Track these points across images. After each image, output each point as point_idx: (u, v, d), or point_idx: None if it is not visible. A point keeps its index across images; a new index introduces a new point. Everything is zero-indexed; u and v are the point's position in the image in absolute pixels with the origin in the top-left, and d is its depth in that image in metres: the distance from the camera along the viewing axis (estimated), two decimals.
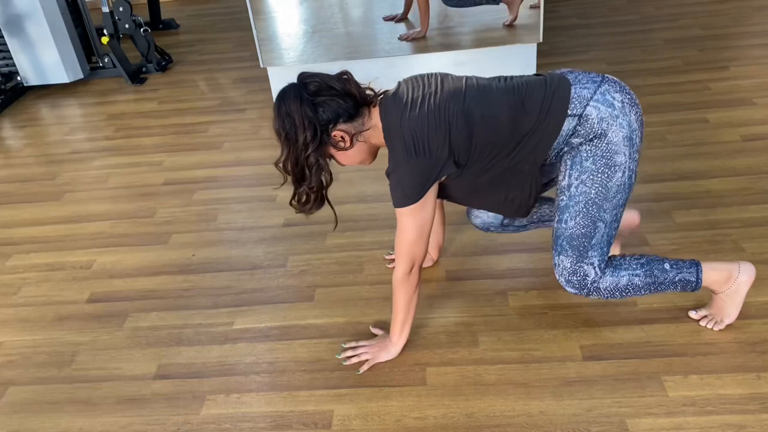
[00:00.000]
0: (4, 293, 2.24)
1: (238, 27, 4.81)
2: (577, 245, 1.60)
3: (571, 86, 1.55)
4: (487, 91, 1.57)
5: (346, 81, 1.56)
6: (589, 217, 1.58)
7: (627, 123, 1.53)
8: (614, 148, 1.53)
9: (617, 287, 1.64)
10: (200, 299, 2.12)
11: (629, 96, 1.56)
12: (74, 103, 3.89)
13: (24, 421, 1.73)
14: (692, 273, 1.67)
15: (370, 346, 1.81)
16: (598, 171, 1.55)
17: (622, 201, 1.60)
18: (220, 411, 1.70)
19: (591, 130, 1.53)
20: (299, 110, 1.50)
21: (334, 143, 1.57)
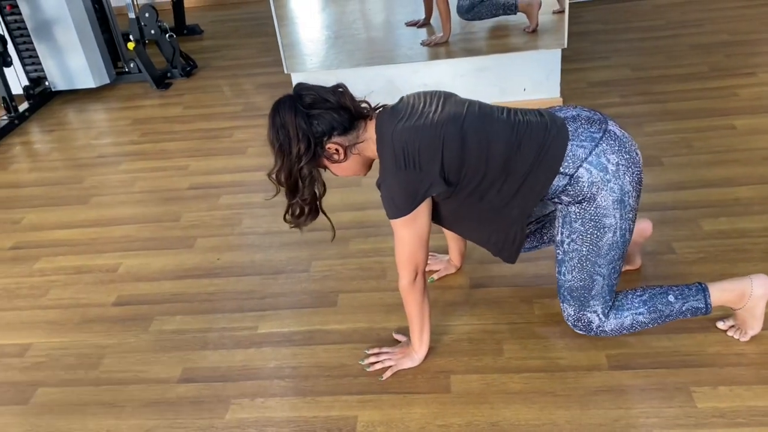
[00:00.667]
0: (33, 295, 2.28)
1: (261, 33, 4.85)
2: (577, 296, 1.65)
3: (569, 142, 1.53)
4: (488, 121, 1.56)
5: (341, 94, 1.56)
6: (585, 271, 1.61)
7: (619, 187, 1.53)
8: (603, 212, 1.55)
9: (623, 326, 1.67)
10: (225, 303, 2.13)
11: (627, 156, 1.55)
12: (101, 108, 3.95)
13: (53, 422, 1.76)
14: (699, 300, 1.66)
15: (394, 353, 1.81)
16: (587, 232, 1.58)
17: (617, 256, 1.61)
18: (244, 415, 1.71)
19: (580, 193, 1.54)
20: (294, 122, 1.50)
21: (328, 155, 1.58)
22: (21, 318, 2.18)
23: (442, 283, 2.08)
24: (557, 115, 1.60)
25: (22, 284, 2.34)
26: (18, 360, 1.99)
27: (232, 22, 5.26)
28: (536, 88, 3.12)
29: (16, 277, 2.39)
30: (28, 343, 2.05)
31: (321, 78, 3.15)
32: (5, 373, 1.95)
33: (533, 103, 3.14)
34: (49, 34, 3.90)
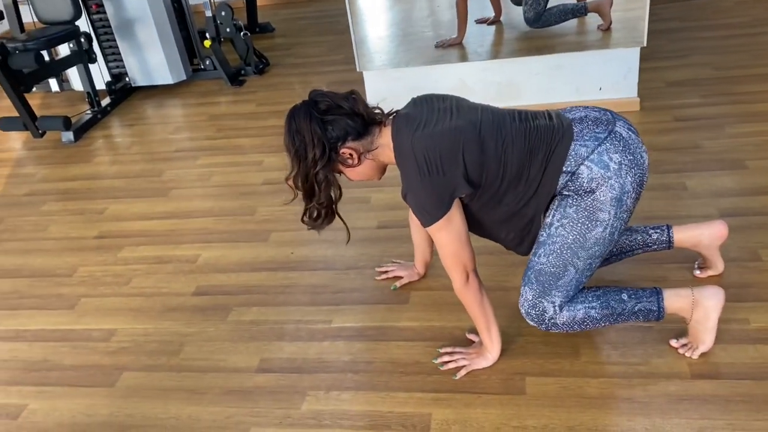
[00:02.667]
0: (117, 283, 2.38)
1: (331, 30, 4.92)
2: (543, 281, 1.63)
3: (573, 142, 1.56)
4: (501, 127, 1.59)
5: (354, 101, 1.59)
6: (562, 259, 1.61)
7: (619, 185, 1.54)
8: (599, 205, 1.56)
9: (574, 321, 1.65)
10: (299, 296, 2.18)
11: (631, 156, 1.55)
12: (178, 104, 4.09)
13: (137, 405, 1.84)
14: (652, 302, 1.65)
15: (468, 353, 1.81)
16: (578, 221, 1.58)
17: (598, 253, 1.61)
18: (320, 407, 1.75)
19: (580, 187, 1.57)
20: (309, 128, 1.53)
21: (342, 160, 1.61)
22: (106, 304, 2.28)
23: (517, 284, 2.06)
24: (565, 117, 1.62)
25: (107, 272, 2.45)
26: (104, 344, 2.09)
27: (303, 19, 5.35)
28: (613, 88, 3.05)
29: (101, 265, 2.51)
30: (113, 329, 2.15)
31: (392, 76, 3.19)
32: (92, 356, 2.05)
33: (609, 103, 3.06)
34: (131, 32, 4.06)
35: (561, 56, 3.05)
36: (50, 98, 4.40)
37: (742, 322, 1.80)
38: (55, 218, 2.90)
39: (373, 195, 2.66)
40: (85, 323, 2.19)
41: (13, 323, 2.26)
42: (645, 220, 2.28)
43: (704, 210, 2.29)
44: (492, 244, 1.83)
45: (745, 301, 1.85)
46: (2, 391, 1.96)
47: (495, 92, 3.13)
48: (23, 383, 1.98)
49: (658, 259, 2.05)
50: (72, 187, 3.19)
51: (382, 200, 2.63)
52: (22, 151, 3.73)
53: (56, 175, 3.34)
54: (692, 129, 2.85)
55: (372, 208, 2.60)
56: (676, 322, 1.76)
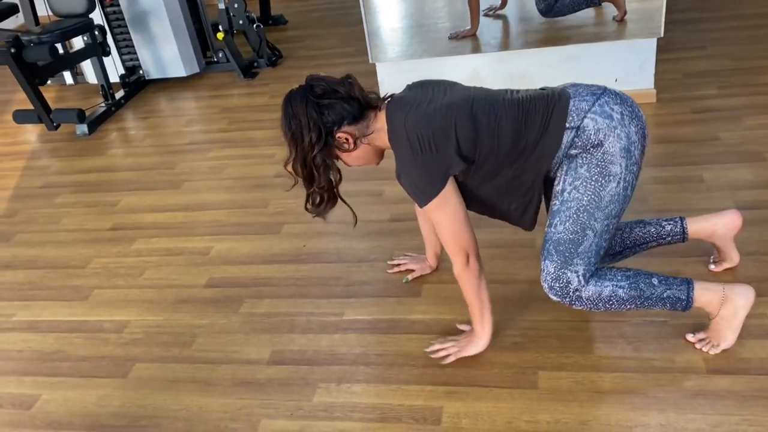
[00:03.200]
0: (130, 275, 2.39)
1: (343, 23, 4.89)
2: (563, 250, 1.58)
3: (570, 99, 1.56)
4: (494, 102, 1.59)
5: (350, 85, 1.60)
6: (579, 223, 1.57)
7: (625, 134, 1.54)
8: (610, 158, 1.54)
9: (600, 298, 1.60)
10: (311, 289, 2.17)
11: (630, 108, 1.57)
12: (191, 96, 4.09)
13: (149, 396, 1.84)
14: (682, 290, 1.62)
15: (458, 341, 1.81)
16: (591, 179, 1.55)
17: (615, 212, 1.58)
18: (331, 399, 1.74)
19: (588, 141, 1.55)
20: (305, 112, 1.54)
21: (338, 145, 1.61)
22: (119, 296, 2.29)
23: (529, 276, 2.04)
24: (556, 87, 1.65)
25: (120, 264, 2.46)
26: (116, 336, 2.10)
27: (316, 11, 5.34)
28: (628, 79, 3.00)
29: (114, 257, 2.52)
30: (126, 320, 2.16)
31: (405, 67, 3.17)
32: (105, 347, 2.06)
33: None
34: (145, 25, 4.06)
35: (576, 47, 3.01)
36: (64, 91, 4.42)
37: (761, 317, 1.77)
38: (69, 210, 2.92)
39: (386, 188, 2.64)
40: (98, 314, 2.20)
41: (27, 314, 2.27)
42: (661, 213, 2.25)
43: (721, 203, 2.25)
44: (500, 236, 1.81)
45: (764, 295, 1.81)
46: (16, 381, 1.97)
47: (508, 83, 3.08)
48: (37, 374, 1.99)
49: (673, 253, 2.02)
50: (86, 179, 3.21)
51: (395, 193, 2.62)
52: (37, 144, 3.76)
53: (70, 168, 3.36)
54: (710, 121, 2.81)
55: (384, 201, 2.59)
56: (692, 317, 1.74)
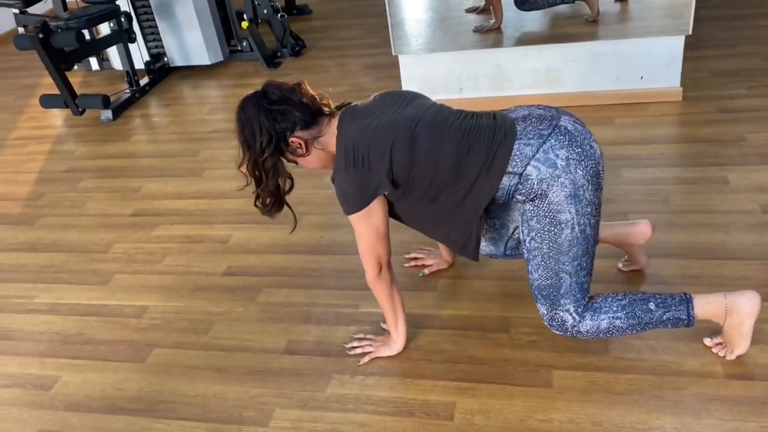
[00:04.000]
0: (150, 261, 2.42)
1: (367, 14, 4.88)
2: (547, 295, 1.60)
3: (516, 141, 1.53)
4: (440, 126, 1.58)
5: (302, 91, 1.63)
6: (549, 269, 1.57)
7: (570, 181, 1.50)
8: (556, 208, 1.52)
9: (599, 330, 1.61)
10: (328, 280, 2.18)
11: (578, 149, 1.51)
12: (214, 85, 4.12)
13: (166, 381, 1.87)
14: (681, 310, 1.59)
15: (375, 341, 1.86)
16: (543, 229, 1.55)
17: (581, 251, 1.56)
18: (344, 391, 1.75)
19: (531, 191, 1.53)
20: (257, 118, 1.58)
21: (292, 150, 1.64)
22: (139, 281, 2.32)
23: None
24: (509, 116, 1.60)
25: (141, 249, 2.50)
26: (136, 321, 2.13)
27: (340, 2, 5.33)
28: (654, 77, 2.96)
29: (135, 242, 2.55)
30: (145, 306, 2.19)
31: (428, 60, 3.16)
32: (124, 332, 2.09)
33: (651, 93, 2.99)
34: (170, 12, 4.09)
35: (602, 43, 2.98)
36: (90, 77, 4.47)
37: None
38: (92, 195, 2.96)
39: None
40: (118, 299, 2.24)
41: (49, 296, 2.31)
42: (684, 214, 2.23)
43: (746, 205, 2.22)
44: None
45: None
46: (37, 362, 2.01)
47: (533, 79, 3.07)
48: (57, 355, 2.03)
49: None
50: (109, 164, 3.25)
51: None
52: (62, 128, 3.81)
53: (94, 153, 3.40)
54: (737, 121, 2.76)
55: None
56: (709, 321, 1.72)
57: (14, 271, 2.48)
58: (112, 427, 1.75)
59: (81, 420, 1.79)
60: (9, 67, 5.01)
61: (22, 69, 4.88)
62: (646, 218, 1.94)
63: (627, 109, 2.98)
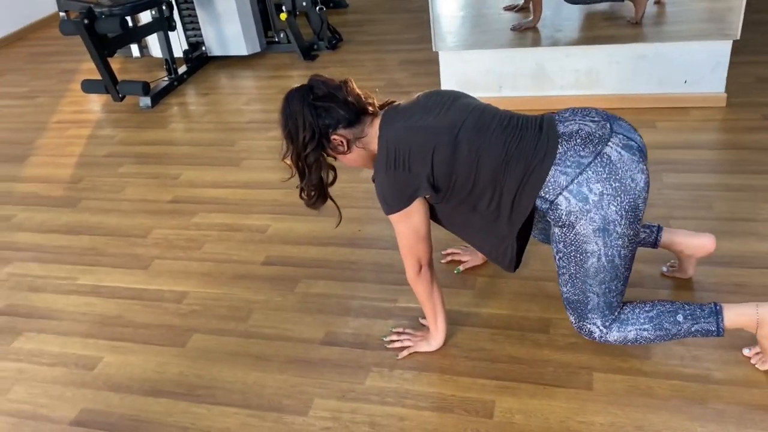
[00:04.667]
0: (190, 247, 2.45)
1: (404, 8, 4.87)
2: (574, 308, 1.63)
3: (553, 166, 1.49)
4: (482, 132, 1.56)
5: (348, 89, 1.63)
6: (578, 287, 1.59)
7: (600, 217, 1.48)
8: (583, 239, 1.52)
9: (626, 339, 1.62)
10: (365, 273, 2.19)
11: (616, 185, 1.47)
12: (251, 75, 4.14)
13: (206, 367, 1.89)
14: (711, 323, 1.58)
15: (414, 336, 1.87)
16: (569, 255, 1.56)
17: (608, 278, 1.56)
18: (383, 384, 1.76)
19: (559, 219, 1.53)
20: (302, 112, 1.58)
21: (333, 147, 1.65)
22: (179, 267, 2.35)
23: None
24: (555, 131, 1.54)
25: (180, 236, 2.53)
26: (175, 306, 2.16)
27: None
28: (699, 81, 2.92)
29: (175, 228, 2.58)
30: (185, 291, 2.21)
31: (468, 57, 3.15)
32: (165, 316, 2.12)
33: (694, 98, 2.95)
34: (210, 2, 4.12)
35: (646, 45, 2.94)
36: (129, 63, 4.52)
37: None
38: (131, 180, 3.00)
39: None
40: (158, 284, 2.27)
41: (91, 278, 2.35)
42: (728, 222, 2.20)
43: None
44: None
45: None
46: (80, 342, 2.05)
47: (573, 80, 3.05)
48: (99, 337, 2.07)
49: None
50: (148, 151, 3.29)
51: None
52: (101, 114, 3.86)
53: (133, 139, 3.45)
54: None
55: None
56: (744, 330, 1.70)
57: (56, 253, 2.52)
58: (153, 409, 1.78)
59: (122, 401, 1.82)
60: (49, 51, 5.09)
61: (62, 54, 4.95)
62: (687, 224, 1.93)
63: (669, 113, 2.95)
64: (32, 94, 4.26)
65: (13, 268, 2.47)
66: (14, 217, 2.81)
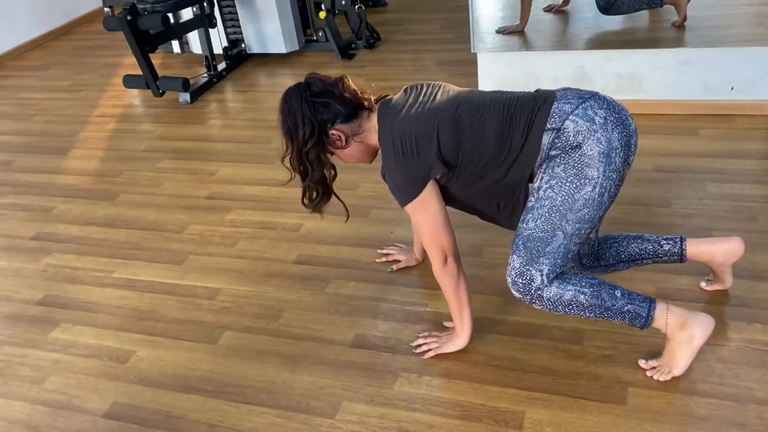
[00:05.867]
0: (224, 244, 2.47)
1: (443, 8, 4.84)
2: (531, 247, 1.59)
3: (556, 101, 1.56)
4: (480, 105, 1.62)
5: (344, 85, 1.67)
6: (550, 223, 1.57)
7: (606, 139, 1.52)
8: (587, 161, 1.53)
9: (561, 300, 1.59)
10: (396, 276, 2.18)
11: (617, 115, 1.55)
12: (289, 74, 4.16)
13: (236, 365, 1.90)
14: (643, 308, 1.59)
15: (440, 338, 1.86)
16: (566, 179, 1.55)
17: (588, 216, 1.57)
18: (412, 390, 1.75)
19: (567, 142, 1.55)
20: (300, 109, 1.62)
21: (332, 142, 1.68)
22: (212, 263, 2.37)
23: None
24: (549, 90, 1.64)
25: (215, 232, 2.55)
26: (208, 302, 2.18)
27: None
28: (746, 88, 2.83)
29: (210, 225, 2.61)
30: (217, 288, 2.23)
31: (507, 59, 3.11)
32: (197, 312, 2.14)
33: (741, 105, 2.86)
34: (251, 0, 4.15)
35: (691, 50, 2.87)
36: (170, 59, 4.58)
37: None
38: (169, 175, 3.04)
39: None
40: (191, 280, 2.29)
41: (126, 272, 2.39)
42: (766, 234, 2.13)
43: None
44: None
45: None
46: (114, 335, 2.08)
47: (615, 84, 2.99)
48: (133, 330, 2.10)
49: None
50: (186, 146, 3.33)
51: None
52: (141, 108, 3.93)
53: (172, 134, 3.49)
54: None
55: None
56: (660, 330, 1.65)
57: (94, 245, 2.57)
58: (184, 405, 1.79)
59: (154, 395, 1.84)
60: (93, 45, 5.19)
61: (105, 48, 5.05)
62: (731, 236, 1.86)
63: (714, 120, 2.86)
64: (76, 87, 4.35)
65: (52, 259, 2.52)
66: (54, 208, 2.88)
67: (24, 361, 2.02)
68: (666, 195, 2.39)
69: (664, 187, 2.44)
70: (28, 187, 3.10)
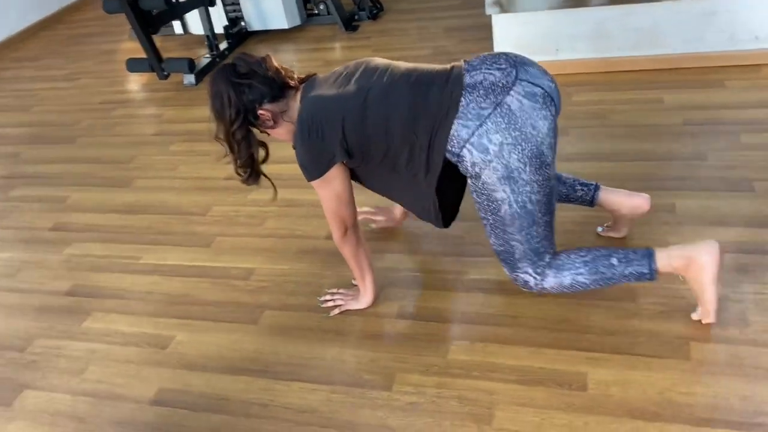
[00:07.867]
0: (251, 224, 2.41)
1: None
2: (504, 259, 1.66)
3: (455, 120, 1.52)
4: (389, 95, 1.59)
5: (267, 64, 1.67)
6: (500, 237, 1.62)
7: (503, 166, 1.51)
8: (491, 188, 1.55)
9: (563, 286, 1.64)
10: (434, 246, 2.13)
11: (516, 133, 1.49)
12: (292, 49, 4.07)
13: (281, 343, 1.86)
14: (644, 265, 1.60)
15: (346, 295, 1.94)
16: (483, 204, 1.59)
17: (526, 224, 1.57)
18: (466, 357, 1.71)
19: (467, 170, 1.57)
20: (226, 90, 1.62)
21: (261, 122, 1.69)
22: (242, 243, 2.31)
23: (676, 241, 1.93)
24: (460, 83, 1.54)
25: (240, 212, 2.49)
26: (243, 282, 2.12)
27: None
28: None
29: (233, 205, 2.54)
30: (251, 268, 2.18)
31: (523, 20, 3.03)
32: (233, 293, 2.08)
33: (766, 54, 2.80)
34: None
35: (712, 1, 2.79)
36: (167, 42, 4.47)
37: None
38: (183, 158, 2.97)
39: None
40: (223, 261, 2.24)
41: (153, 257, 2.33)
42: None
43: None
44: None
45: None
46: (150, 322, 2.03)
47: (635, 40, 2.92)
48: (168, 315, 2.04)
49: None
50: (196, 128, 3.24)
51: None
52: (145, 93, 3.84)
53: (181, 117, 3.41)
54: None
55: None
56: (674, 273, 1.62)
57: (117, 232, 2.51)
58: (233, 387, 1.75)
59: (200, 379, 1.79)
60: (86, 33, 5.07)
61: (98, 35, 4.94)
62: None
63: (739, 71, 2.80)
64: (74, 76, 4.25)
65: (74, 249, 2.46)
66: (68, 198, 2.81)
67: (60, 353, 1.97)
68: (701, 149, 2.34)
69: (698, 141, 2.39)
70: (38, 177, 3.03)
